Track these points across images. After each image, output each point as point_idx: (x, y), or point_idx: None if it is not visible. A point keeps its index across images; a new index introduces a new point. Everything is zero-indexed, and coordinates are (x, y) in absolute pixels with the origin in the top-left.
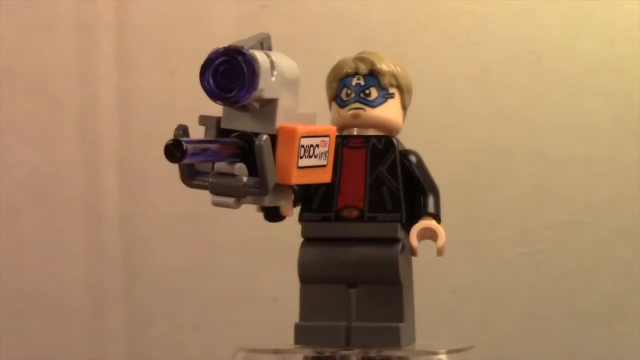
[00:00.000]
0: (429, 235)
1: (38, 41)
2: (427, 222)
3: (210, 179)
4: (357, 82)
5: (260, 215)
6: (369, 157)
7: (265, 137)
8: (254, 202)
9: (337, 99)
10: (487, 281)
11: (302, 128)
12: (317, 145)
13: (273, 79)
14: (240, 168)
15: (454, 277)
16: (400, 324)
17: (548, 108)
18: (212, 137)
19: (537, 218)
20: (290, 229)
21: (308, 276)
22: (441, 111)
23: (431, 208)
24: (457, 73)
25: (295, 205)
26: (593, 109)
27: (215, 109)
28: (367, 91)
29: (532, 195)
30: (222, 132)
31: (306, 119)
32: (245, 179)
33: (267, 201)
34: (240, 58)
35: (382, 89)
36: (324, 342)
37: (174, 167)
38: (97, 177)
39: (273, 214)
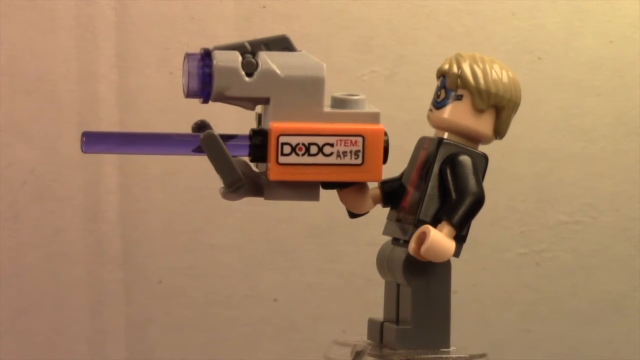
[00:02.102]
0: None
1: (38, 41)
2: (424, 226)
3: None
4: (438, 85)
5: (260, 215)
6: (425, 160)
7: (208, 132)
8: (253, 195)
9: (434, 100)
10: (487, 281)
11: (282, 126)
12: (329, 144)
13: (248, 79)
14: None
15: (454, 277)
16: (403, 327)
17: (548, 108)
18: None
19: (537, 218)
20: (290, 230)
21: (379, 271)
22: None
23: (447, 212)
24: None
25: (386, 204)
26: (593, 109)
27: (219, 110)
28: (439, 92)
29: (532, 195)
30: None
31: (346, 117)
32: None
33: (268, 195)
34: (190, 59)
35: (449, 90)
36: (369, 337)
37: (174, 168)
38: (97, 177)
39: (350, 212)
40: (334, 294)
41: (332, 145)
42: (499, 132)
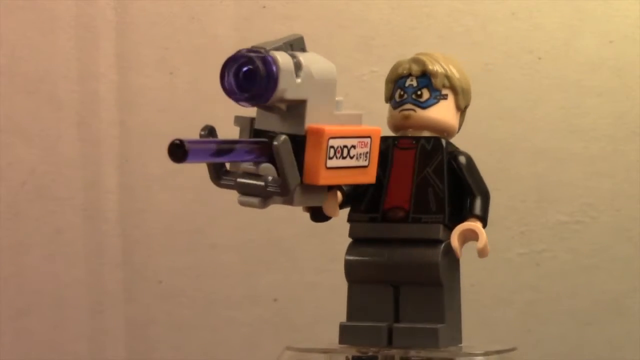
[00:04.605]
0: (471, 236)
1: (38, 41)
2: (469, 224)
3: (237, 179)
4: (410, 84)
5: (260, 215)
6: (417, 158)
7: (283, 137)
8: (281, 203)
9: (391, 100)
10: (487, 281)
11: (331, 129)
12: (354, 146)
13: (298, 80)
14: (265, 168)
15: None
16: (440, 326)
17: (548, 108)
18: (246, 137)
19: (537, 218)
20: (290, 230)
21: (354, 276)
22: None
23: (477, 210)
24: None
25: (344, 206)
26: (593, 109)
27: (219, 111)
28: (419, 92)
29: (532, 195)
30: (256, 133)
31: (348, 119)
32: (270, 179)
33: (296, 202)
34: (258, 59)
35: (434, 90)
36: (367, 342)
37: (174, 168)
38: (97, 177)
39: (318, 214)
40: (334, 294)
41: (355, 147)
42: (459, 129)
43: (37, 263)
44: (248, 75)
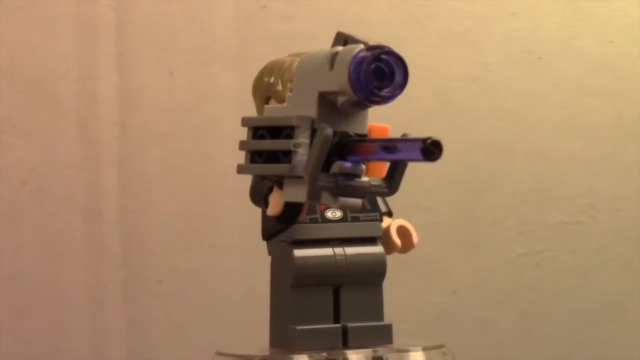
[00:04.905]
0: (403, 232)
1: (38, 41)
2: (401, 220)
3: (338, 181)
4: None
5: (260, 215)
6: None
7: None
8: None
9: None
10: (487, 281)
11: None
12: None
13: None
14: (364, 168)
15: (454, 277)
16: (390, 323)
17: (548, 108)
18: (306, 138)
19: (537, 218)
20: None
21: (302, 279)
22: (441, 111)
23: (388, 206)
24: (457, 73)
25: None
26: (593, 109)
27: (219, 111)
28: None
29: (532, 195)
30: (313, 133)
31: None
32: (372, 179)
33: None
34: (398, 58)
35: None
36: (323, 345)
37: (174, 167)
38: (97, 177)
39: (290, 216)
40: None
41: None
42: None
43: (37, 263)
44: (375, 74)
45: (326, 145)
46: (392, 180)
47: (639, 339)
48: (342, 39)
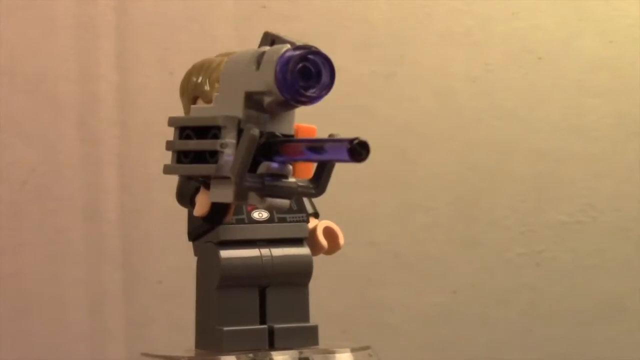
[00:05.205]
0: (328, 234)
1: (38, 41)
2: (327, 222)
3: (265, 181)
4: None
5: None
6: None
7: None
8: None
9: None
10: (487, 281)
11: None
12: None
13: None
14: (290, 169)
15: (454, 277)
16: (316, 324)
17: (548, 108)
18: (233, 138)
19: (537, 218)
20: None
21: (228, 280)
22: (441, 111)
23: (314, 207)
24: (457, 73)
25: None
26: (593, 109)
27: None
28: None
29: (532, 195)
30: (240, 133)
31: None
32: (299, 180)
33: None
34: (325, 58)
35: None
36: (249, 346)
37: None
38: (97, 177)
39: (217, 217)
40: (333, 294)
41: None
42: None
43: (37, 263)
44: (302, 74)
45: (252, 145)
46: (320, 181)
47: (639, 339)
48: (270, 38)
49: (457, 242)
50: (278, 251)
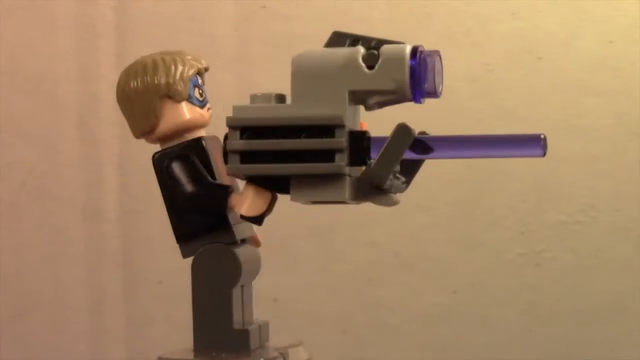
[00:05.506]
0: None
1: (38, 41)
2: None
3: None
4: (201, 82)
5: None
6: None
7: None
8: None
9: (191, 98)
10: (487, 281)
11: None
12: None
13: None
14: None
15: (454, 277)
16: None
17: (548, 108)
18: (343, 136)
19: (537, 218)
20: (290, 230)
21: (238, 279)
22: (441, 111)
23: None
24: (457, 73)
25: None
26: (593, 109)
27: (218, 111)
28: (201, 91)
29: (532, 195)
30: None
31: None
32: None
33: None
34: (435, 57)
35: (204, 88)
36: (257, 344)
37: None
38: (97, 177)
39: (264, 216)
40: (334, 294)
41: None
42: None
43: (37, 263)
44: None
45: (409, 142)
46: (410, 177)
47: (639, 339)
48: (348, 38)
49: (457, 242)
50: (254, 251)
